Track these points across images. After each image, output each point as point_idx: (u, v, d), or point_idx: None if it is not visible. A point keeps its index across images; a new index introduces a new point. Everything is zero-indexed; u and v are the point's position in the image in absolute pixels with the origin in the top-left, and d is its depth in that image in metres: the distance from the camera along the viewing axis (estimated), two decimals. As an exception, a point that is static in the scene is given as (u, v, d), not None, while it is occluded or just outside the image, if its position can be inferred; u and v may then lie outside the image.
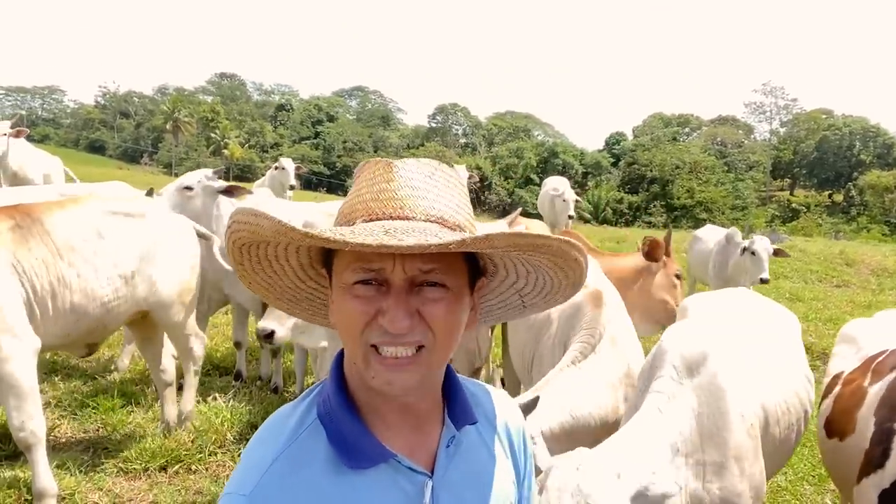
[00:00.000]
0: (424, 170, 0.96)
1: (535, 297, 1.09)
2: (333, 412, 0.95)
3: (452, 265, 0.91)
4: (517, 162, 51.67)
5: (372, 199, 0.92)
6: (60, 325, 3.22)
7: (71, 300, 3.22)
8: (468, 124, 72.62)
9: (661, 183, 45.51)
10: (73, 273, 3.22)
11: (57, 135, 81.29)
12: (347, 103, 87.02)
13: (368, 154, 55.11)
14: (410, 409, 0.97)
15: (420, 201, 0.92)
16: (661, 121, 67.47)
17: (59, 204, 3.45)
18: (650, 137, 57.80)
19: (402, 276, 0.87)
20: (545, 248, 0.94)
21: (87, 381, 4.89)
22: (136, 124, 79.26)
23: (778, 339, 2.71)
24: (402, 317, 0.86)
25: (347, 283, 0.89)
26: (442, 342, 0.90)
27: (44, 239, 3.17)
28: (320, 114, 70.63)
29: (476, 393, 1.10)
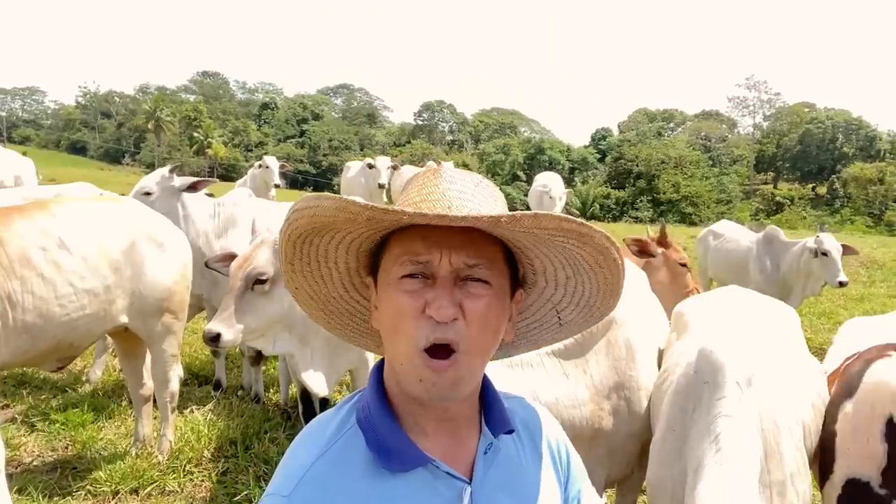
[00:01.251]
0: (470, 180, 1.00)
1: (573, 311, 1.09)
2: (372, 417, 0.96)
3: (496, 263, 0.95)
4: (504, 158, 51.62)
5: (421, 200, 0.95)
6: (13, 346, 2.89)
7: (23, 320, 2.88)
8: (454, 121, 72.50)
9: (647, 178, 45.64)
10: (25, 290, 2.88)
11: (38, 136, 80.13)
12: (333, 101, 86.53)
13: (354, 152, 54.79)
14: (448, 416, 0.98)
15: (467, 203, 0.95)
16: (646, 116, 67.78)
17: (20, 210, 3.10)
18: (635, 133, 58.02)
19: (448, 268, 0.90)
20: (587, 239, 0.95)
21: (56, 394, 4.63)
22: (118, 124, 78.24)
23: (794, 340, 2.56)
24: (448, 304, 0.89)
25: (395, 278, 0.92)
26: (479, 340, 0.92)
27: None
28: (305, 112, 70.15)
29: (514, 404, 1.11)
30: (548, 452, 1.10)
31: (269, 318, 2.86)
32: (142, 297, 3.38)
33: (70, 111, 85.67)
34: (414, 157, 43.08)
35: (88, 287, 3.07)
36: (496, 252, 0.95)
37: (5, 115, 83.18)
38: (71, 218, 3.14)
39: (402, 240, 0.93)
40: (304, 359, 3.01)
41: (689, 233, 15.74)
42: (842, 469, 2.08)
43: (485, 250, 0.93)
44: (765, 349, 2.18)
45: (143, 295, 3.38)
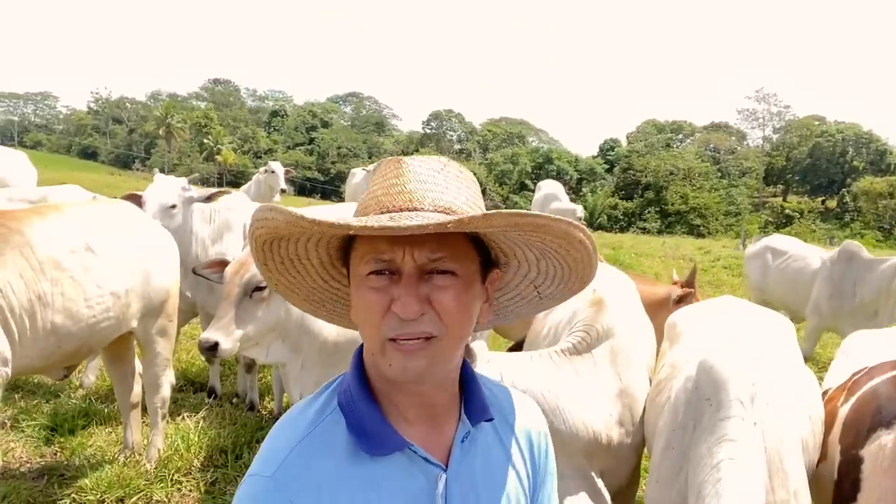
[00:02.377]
0: (433, 165, 1.00)
1: (550, 286, 1.11)
2: (353, 401, 0.98)
3: (462, 253, 0.95)
4: (512, 168, 51.62)
5: (383, 194, 0.96)
6: (40, 347, 2.89)
7: (53, 321, 2.88)
8: (463, 130, 72.63)
9: (655, 189, 45.53)
10: (56, 290, 2.89)
11: (49, 141, 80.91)
12: (342, 109, 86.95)
13: (363, 160, 54.90)
14: (427, 402, 0.99)
15: (428, 193, 0.95)
16: (655, 127, 67.62)
17: (40, 211, 3.11)
18: (644, 144, 57.88)
19: (411, 263, 0.91)
20: (546, 228, 0.96)
21: (49, 399, 4.56)
22: (129, 130, 78.89)
23: (790, 351, 2.45)
24: (413, 301, 0.89)
25: (362, 276, 0.94)
26: (452, 329, 0.93)
27: (24, 251, 2.83)
28: (314, 120, 70.48)
29: (496, 392, 1.12)
30: (526, 442, 1.10)
31: (266, 326, 2.79)
32: (149, 300, 3.38)
33: (82, 116, 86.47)
34: (421, 165, 43.08)
35: (113, 289, 3.09)
36: (461, 242, 0.95)
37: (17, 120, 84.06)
38: (89, 221, 3.15)
39: (366, 238, 0.93)
40: (294, 368, 2.94)
41: (697, 244, 15.63)
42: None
43: (449, 241, 0.92)
44: (763, 362, 2.08)
45: (150, 298, 3.38)
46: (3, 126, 79.22)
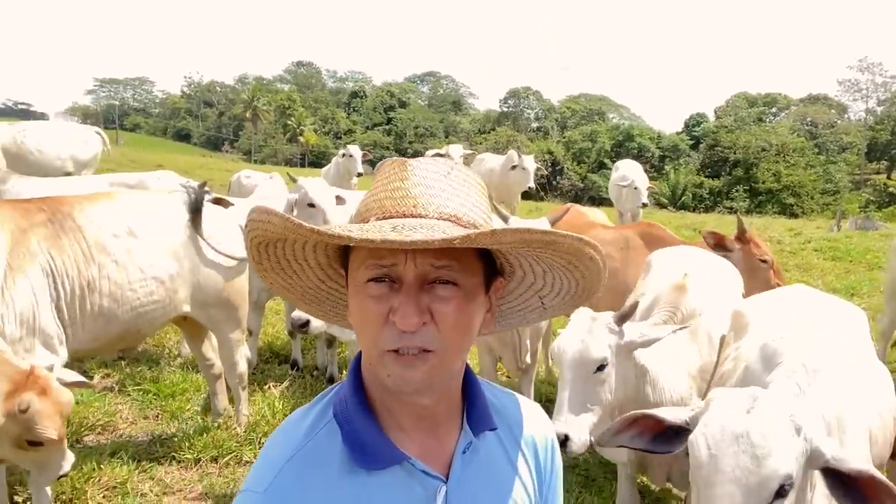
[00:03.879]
0: (440, 169, 0.95)
1: (554, 298, 1.07)
2: (349, 413, 0.95)
3: (466, 263, 0.90)
4: (591, 146, 50.36)
5: (386, 198, 0.93)
6: (90, 330, 3.05)
7: (100, 304, 3.03)
8: (540, 108, 71.36)
9: (744, 166, 43.23)
10: (102, 275, 3.03)
11: (147, 124, 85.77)
12: (419, 89, 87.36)
13: (439, 139, 55.16)
14: (426, 413, 0.96)
15: (433, 199, 0.92)
16: (746, 100, 64.01)
17: (90, 198, 3.26)
18: (733, 118, 54.98)
19: (413, 271, 0.87)
20: (556, 246, 0.92)
21: (151, 366, 4.99)
22: (219, 113, 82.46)
23: (862, 343, 2.40)
24: (412, 313, 0.86)
25: (361, 282, 0.90)
26: (452, 342, 0.89)
27: (75, 236, 2.99)
28: (392, 100, 71.18)
29: (502, 400, 1.09)
30: (531, 451, 1.07)
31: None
32: (201, 289, 3.46)
33: (176, 100, 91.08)
34: (498, 144, 42.83)
35: (155, 274, 3.20)
36: (466, 251, 0.90)
37: (118, 104, 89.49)
38: (135, 208, 3.27)
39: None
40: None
41: (788, 225, 14.83)
42: None
43: (453, 251, 0.87)
44: (830, 350, 2.04)
45: (202, 286, 3.45)
46: (105, 110, 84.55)
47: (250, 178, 8.05)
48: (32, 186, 4.99)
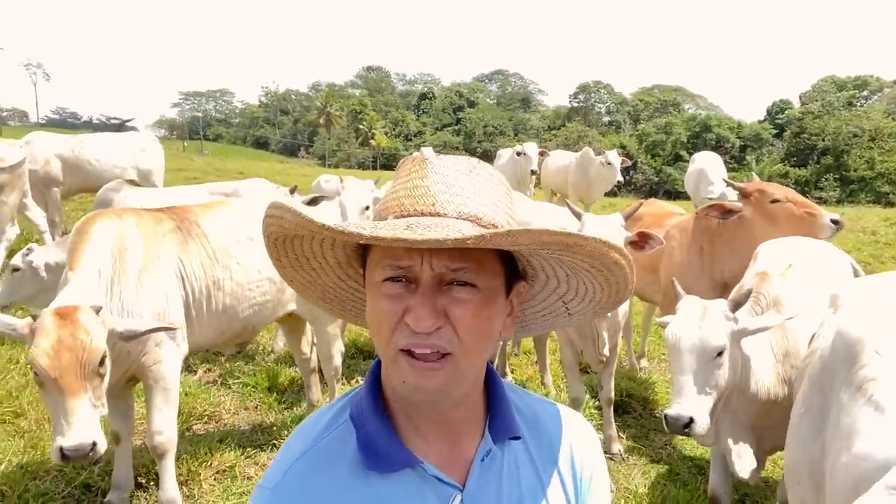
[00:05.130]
0: (461, 167, 0.92)
1: (579, 304, 1.03)
2: (364, 414, 0.93)
3: (485, 265, 0.87)
4: (665, 138, 48.93)
5: (405, 196, 0.90)
6: (214, 326, 3.32)
7: (224, 303, 3.30)
8: (612, 102, 69.92)
9: (834, 154, 40.85)
10: (226, 276, 3.30)
11: (228, 133, 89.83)
12: (488, 88, 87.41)
13: (509, 138, 54.98)
14: (444, 419, 0.94)
15: (454, 198, 0.88)
16: (834, 84, 60.41)
17: (210, 206, 3.56)
18: (821, 104, 51.97)
19: (429, 273, 0.84)
20: (578, 248, 0.87)
21: (248, 362, 5.32)
22: (294, 120, 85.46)
23: None
24: (428, 314, 0.83)
25: (377, 282, 0.88)
26: (469, 346, 0.86)
27: (202, 241, 3.27)
28: (461, 100, 71.58)
29: (536, 409, 1.04)
30: (565, 464, 1.01)
31: None
32: None
33: (254, 110, 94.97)
34: (568, 140, 42.35)
35: (270, 275, 3.45)
36: (485, 252, 0.86)
37: (201, 116, 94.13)
38: (251, 214, 3.56)
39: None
40: None
41: (883, 215, 13.95)
42: None
43: (471, 252, 0.84)
44: None
45: None
46: (189, 122, 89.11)
47: (329, 181, 8.42)
48: (141, 196, 5.43)
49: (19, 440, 3.70)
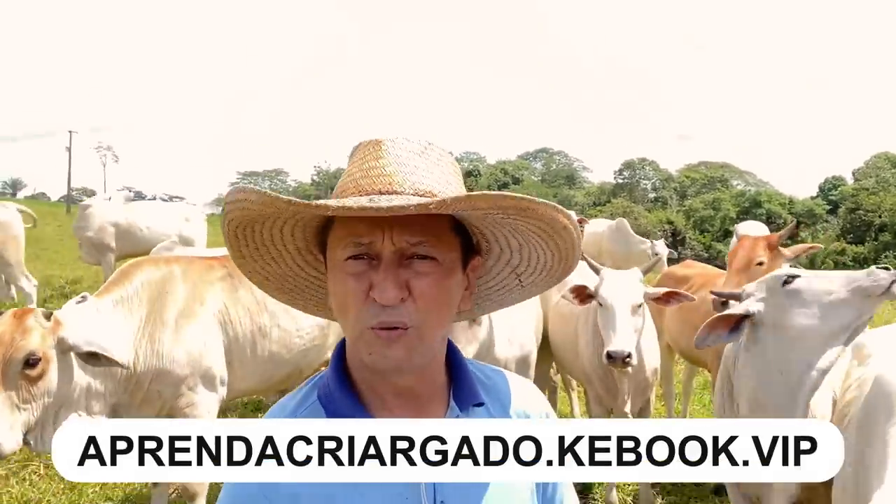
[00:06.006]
0: (414, 147, 0.96)
1: (532, 274, 1.07)
2: (332, 394, 0.96)
3: (443, 238, 0.91)
4: (713, 214, 48.44)
5: (361, 177, 0.93)
6: (259, 372, 3.32)
7: (270, 350, 3.29)
8: (657, 178, 69.99)
9: (892, 230, 39.60)
10: (273, 323, 3.31)
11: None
12: (532, 165, 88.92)
13: (553, 213, 55.24)
14: (410, 392, 0.96)
15: (409, 176, 0.92)
16: (888, 160, 59.18)
17: None
18: (875, 180, 50.95)
19: (390, 247, 0.88)
20: (530, 212, 0.91)
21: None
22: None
23: None
24: (392, 287, 0.86)
25: (339, 260, 0.90)
26: (430, 318, 0.90)
27: (251, 288, 3.21)
28: (506, 177, 72.92)
29: (491, 377, 1.09)
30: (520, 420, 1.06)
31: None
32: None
33: (306, 188, 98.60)
34: (614, 215, 42.28)
35: (319, 322, 3.46)
36: (442, 226, 0.91)
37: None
38: None
39: (344, 221, 0.91)
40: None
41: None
42: None
43: (430, 226, 0.89)
44: None
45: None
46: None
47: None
48: (191, 253, 5.66)
49: (59, 483, 3.74)
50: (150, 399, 2.90)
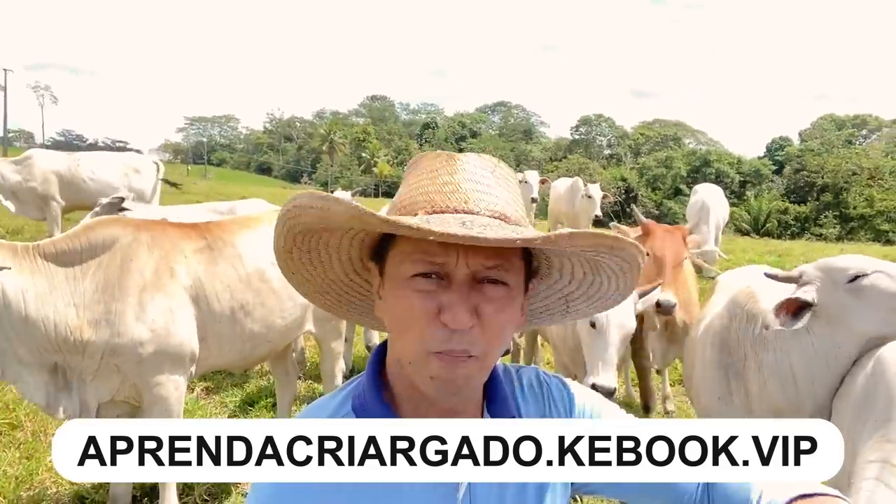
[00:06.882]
0: (486, 165, 0.94)
1: (583, 303, 1.05)
2: (367, 405, 0.93)
3: (514, 263, 0.89)
4: (665, 172, 49.37)
5: (435, 192, 0.89)
6: (238, 350, 3.12)
7: (250, 328, 3.09)
8: (613, 135, 70.66)
9: (833, 191, 41.21)
10: (258, 302, 3.07)
11: (232, 158, 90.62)
12: (490, 119, 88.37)
13: (511, 168, 55.34)
14: (451, 411, 0.93)
15: (484, 196, 0.89)
16: (834, 123, 61.25)
17: (248, 224, 3.27)
18: (820, 142, 52.66)
19: (465, 270, 0.84)
20: (618, 251, 0.90)
21: (246, 380, 5.32)
22: (298, 147, 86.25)
23: None
24: (464, 311, 0.83)
25: (405, 277, 0.86)
26: (494, 344, 0.88)
27: (234, 263, 3.05)
28: (464, 130, 72.48)
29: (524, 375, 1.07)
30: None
31: None
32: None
33: (259, 136, 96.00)
34: (570, 171, 42.57)
35: (302, 302, 3.26)
36: (514, 250, 0.89)
37: (206, 141, 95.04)
38: None
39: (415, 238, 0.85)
40: None
41: (882, 252, 14.02)
42: None
43: (503, 250, 0.86)
44: None
45: None
46: (194, 146, 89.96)
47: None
48: (138, 213, 5.45)
49: (15, 451, 3.69)
50: (107, 371, 2.75)
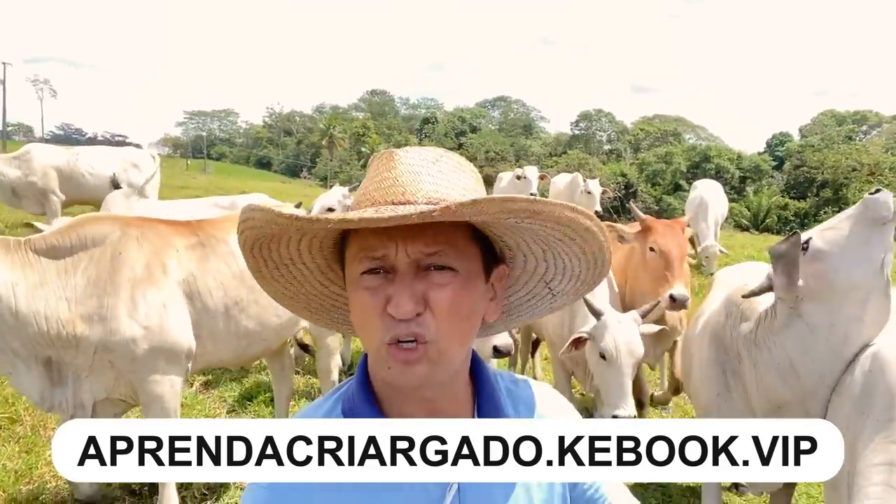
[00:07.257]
0: (428, 156, 0.93)
1: (561, 282, 1.02)
2: (357, 408, 0.94)
3: (460, 248, 0.88)
4: (665, 168, 49.28)
5: (375, 189, 0.91)
6: (233, 348, 3.15)
7: (245, 325, 3.12)
8: (613, 130, 70.49)
9: (833, 187, 41.18)
10: (252, 299, 3.09)
11: (231, 153, 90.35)
12: (490, 114, 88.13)
13: (510, 163, 55.33)
14: (434, 407, 0.94)
15: (422, 185, 0.89)
16: (834, 118, 61.19)
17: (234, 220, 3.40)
18: (820, 137, 52.54)
19: (405, 259, 0.85)
20: (545, 215, 0.86)
21: (244, 374, 5.34)
22: (297, 141, 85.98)
23: None
24: (407, 300, 0.83)
25: (356, 276, 0.88)
26: (449, 330, 0.86)
27: (227, 260, 3.08)
28: (464, 125, 72.21)
29: (514, 389, 1.05)
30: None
31: None
32: None
33: (258, 130, 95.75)
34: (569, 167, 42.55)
35: None
36: (459, 235, 0.88)
37: (205, 135, 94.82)
38: None
39: (357, 235, 0.88)
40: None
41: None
42: None
43: (445, 235, 0.86)
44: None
45: None
46: (193, 140, 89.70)
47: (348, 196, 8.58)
48: (140, 209, 5.48)
49: (14, 445, 3.70)
50: (101, 368, 2.77)
